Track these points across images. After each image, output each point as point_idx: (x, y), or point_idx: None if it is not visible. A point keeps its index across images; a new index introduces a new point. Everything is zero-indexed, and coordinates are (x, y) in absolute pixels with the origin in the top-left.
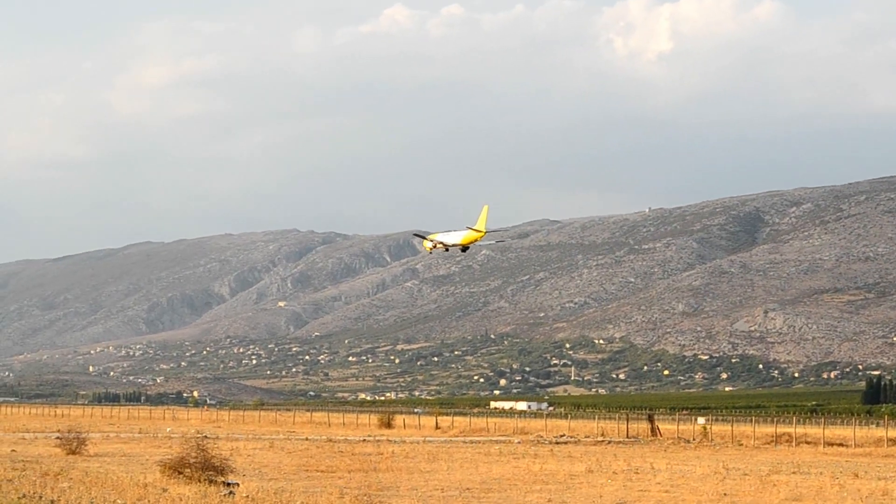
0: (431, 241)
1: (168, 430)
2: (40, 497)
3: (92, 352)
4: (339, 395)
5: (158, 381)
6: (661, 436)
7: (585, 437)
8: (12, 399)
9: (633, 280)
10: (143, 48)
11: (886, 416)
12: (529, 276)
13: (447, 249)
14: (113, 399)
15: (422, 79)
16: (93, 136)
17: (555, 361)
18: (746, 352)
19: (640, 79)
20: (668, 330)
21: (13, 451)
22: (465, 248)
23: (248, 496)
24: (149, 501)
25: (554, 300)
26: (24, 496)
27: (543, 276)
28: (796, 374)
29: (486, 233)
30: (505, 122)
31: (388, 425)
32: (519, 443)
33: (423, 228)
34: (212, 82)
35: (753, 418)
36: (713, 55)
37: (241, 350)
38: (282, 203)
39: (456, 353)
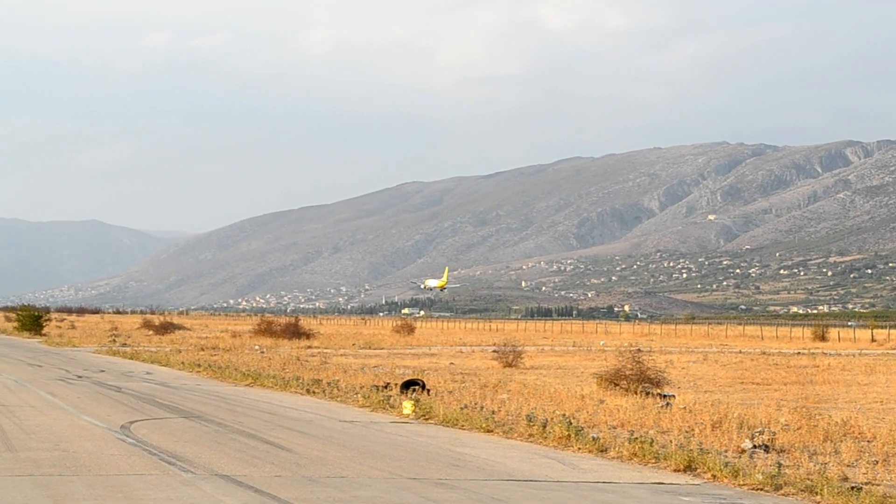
0: (423, 284)
1: (602, 343)
2: (481, 408)
3: (524, 267)
4: (771, 308)
5: (589, 295)
6: None
7: None
8: (447, 314)
9: None
10: None
11: None
12: None
13: (431, 289)
14: (545, 313)
15: None
16: (524, 52)
17: None
18: None
19: None
20: None
21: (451, 363)
22: (442, 289)
23: (684, 407)
24: (587, 412)
25: None
26: (465, 406)
27: None
28: None
29: (447, 282)
30: None
31: (822, 338)
32: None
33: (856, 139)
34: None
35: None
36: None
37: (671, 264)
38: (710, 115)
39: (891, 265)
